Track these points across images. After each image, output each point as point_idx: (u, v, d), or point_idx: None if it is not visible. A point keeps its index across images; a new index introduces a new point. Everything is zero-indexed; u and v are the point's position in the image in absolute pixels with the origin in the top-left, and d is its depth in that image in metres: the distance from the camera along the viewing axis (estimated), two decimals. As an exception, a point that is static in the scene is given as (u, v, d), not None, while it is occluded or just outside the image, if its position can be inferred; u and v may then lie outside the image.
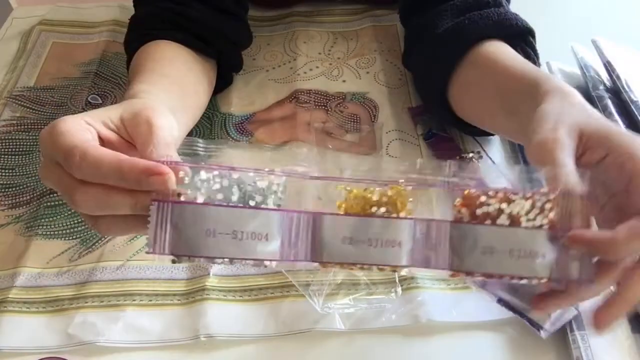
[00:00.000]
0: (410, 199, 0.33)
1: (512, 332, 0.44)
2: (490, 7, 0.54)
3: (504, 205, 0.32)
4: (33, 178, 0.57)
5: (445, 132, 0.60)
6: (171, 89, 0.49)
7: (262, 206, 0.32)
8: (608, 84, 0.59)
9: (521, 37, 0.53)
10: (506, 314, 0.45)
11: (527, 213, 0.32)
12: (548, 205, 0.32)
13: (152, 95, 0.44)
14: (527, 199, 0.32)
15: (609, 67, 0.59)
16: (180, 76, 0.53)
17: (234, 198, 0.32)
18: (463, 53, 0.53)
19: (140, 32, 0.57)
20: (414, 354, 0.44)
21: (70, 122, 0.35)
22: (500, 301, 0.42)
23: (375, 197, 0.33)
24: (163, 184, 0.31)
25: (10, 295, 0.47)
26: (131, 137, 0.37)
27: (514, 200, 0.32)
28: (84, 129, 0.35)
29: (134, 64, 0.54)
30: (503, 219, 0.32)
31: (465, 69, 0.53)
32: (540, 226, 0.32)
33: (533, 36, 0.54)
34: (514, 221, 0.32)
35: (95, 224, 0.35)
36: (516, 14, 0.54)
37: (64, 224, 0.53)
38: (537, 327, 0.41)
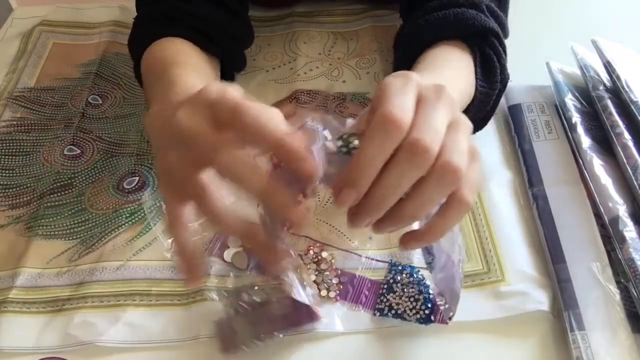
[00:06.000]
0: None
1: (510, 331, 0.45)
2: (460, 7, 0.53)
3: None
4: (33, 179, 0.58)
5: None
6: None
7: None
8: (608, 84, 0.59)
9: (480, 37, 0.53)
10: (505, 313, 0.45)
11: None
12: None
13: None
14: None
15: (609, 67, 0.59)
16: (205, 69, 0.53)
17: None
18: (415, 56, 0.52)
19: (147, 31, 0.56)
20: (414, 354, 0.44)
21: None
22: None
23: None
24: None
25: (10, 296, 0.47)
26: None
27: None
28: None
29: (153, 62, 0.52)
30: None
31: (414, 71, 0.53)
32: None
33: (495, 36, 0.53)
34: None
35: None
36: (477, 14, 0.53)
37: (64, 224, 0.53)
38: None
